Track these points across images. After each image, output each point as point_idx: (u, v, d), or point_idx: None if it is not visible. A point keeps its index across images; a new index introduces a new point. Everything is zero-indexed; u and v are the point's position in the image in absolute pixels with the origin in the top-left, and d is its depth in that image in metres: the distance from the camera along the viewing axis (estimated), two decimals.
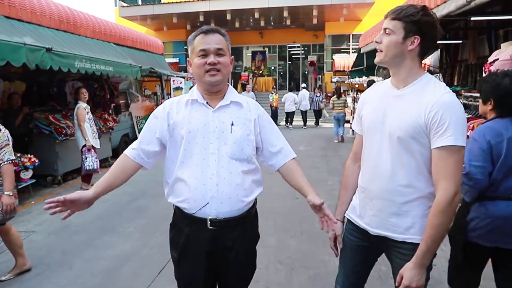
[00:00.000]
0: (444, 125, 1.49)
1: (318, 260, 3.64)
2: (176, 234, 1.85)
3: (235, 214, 1.74)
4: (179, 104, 1.82)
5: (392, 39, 1.59)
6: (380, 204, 1.69)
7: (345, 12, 17.61)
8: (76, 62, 5.90)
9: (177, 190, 1.78)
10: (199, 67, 1.72)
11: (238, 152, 1.75)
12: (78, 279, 3.44)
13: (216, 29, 1.76)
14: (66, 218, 1.73)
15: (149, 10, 18.22)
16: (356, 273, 1.92)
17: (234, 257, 1.78)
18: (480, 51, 7.49)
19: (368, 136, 1.76)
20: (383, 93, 1.73)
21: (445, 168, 1.51)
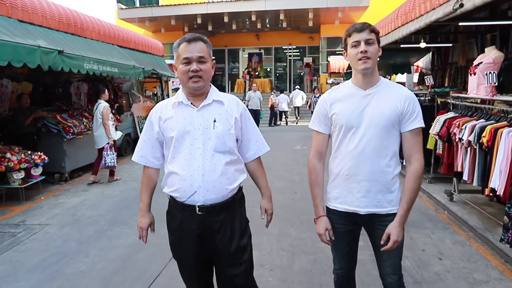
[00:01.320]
0: (414, 112, 1.94)
1: (317, 246, 3.95)
2: (171, 220, 2.10)
3: (220, 200, 1.97)
4: (167, 107, 2.04)
5: (376, 47, 1.93)
6: (368, 185, 1.97)
7: (340, 15, 17.96)
8: (85, 63, 6.17)
9: (170, 182, 2.02)
10: (183, 73, 1.92)
11: (221, 145, 1.96)
12: (96, 265, 3.71)
13: (198, 37, 1.94)
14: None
15: (148, 12, 18.44)
16: (347, 253, 2.21)
17: (221, 238, 2.01)
18: (469, 54, 7.83)
19: (347, 130, 1.99)
20: (349, 94, 2.02)
21: (416, 145, 1.97)
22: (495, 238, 3.82)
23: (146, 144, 2.09)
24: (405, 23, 6.20)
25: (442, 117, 5.00)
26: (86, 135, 7.17)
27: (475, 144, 4.08)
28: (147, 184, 2.15)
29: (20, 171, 5.63)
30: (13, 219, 5.07)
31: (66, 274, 3.53)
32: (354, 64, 1.96)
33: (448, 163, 4.83)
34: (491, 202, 4.95)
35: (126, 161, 8.81)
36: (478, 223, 4.36)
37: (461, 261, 3.59)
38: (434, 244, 3.98)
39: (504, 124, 3.79)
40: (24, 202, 5.75)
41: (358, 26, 1.94)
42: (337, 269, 2.28)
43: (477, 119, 4.31)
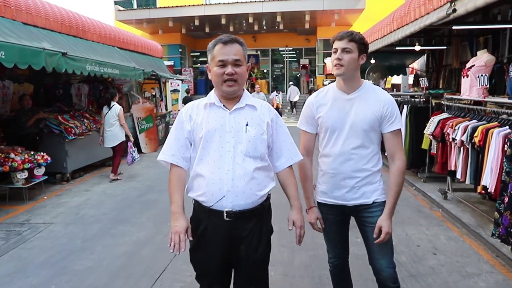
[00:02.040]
0: (393, 115, 2.12)
1: (316, 243, 4.08)
2: (194, 225, 1.96)
3: (249, 206, 1.88)
4: (198, 107, 1.98)
5: (352, 56, 2.06)
6: (352, 182, 2.16)
7: (337, 18, 18.15)
8: (87, 65, 6.28)
9: (195, 185, 1.93)
10: (218, 76, 1.87)
11: (252, 150, 1.89)
12: (102, 261, 3.82)
13: (234, 38, 1.89)
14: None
15: (146, 14, 18.53)
16: (339, 241, 2.39)
17: (247, 246, 1.90)
18: (462, 57, 8.02)
19: (332, 132, 2.17)
20: (334, 98, 2.17)
21: (397, 144, 2.15)
22: (487, 234, 3.98)
23: (176, 143, 1.98)
24: (401, 27, 6.37)
25: (436, 118, 5.16)
26: (87, 135, 7.28)
27: (467, 144, 4.24)
28: (177, 184, 1.97)
29: (23, 171, 5.73)
30: (18, 218, 5.17)
31: (74, 270, 3.63)
32: (332, 69, 2.17)
33: (442, 162, 4.98)
34: (483, 200, 5.11)
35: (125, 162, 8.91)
36: (471, 220, 4.52)
37: (454, 256, 3.75)
38: (429, 240, 4.13)
39: (495, 124, 3.95)
40: (28, 201, 5.84)
41: (339, 35, 2.09)
42: (331, 258, 2.45)
43: (469, 120, 4.47)
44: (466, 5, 4.14)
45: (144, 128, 9.87)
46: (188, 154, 1.99)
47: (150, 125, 9.84)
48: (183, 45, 22.05)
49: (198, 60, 24.61)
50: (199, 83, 22.68)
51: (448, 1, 4.48)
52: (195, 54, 24.30)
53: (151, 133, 9.96)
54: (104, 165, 8.32)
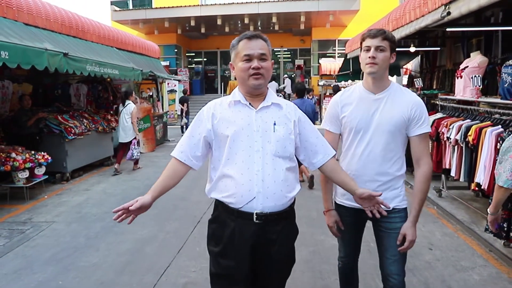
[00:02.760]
0: (421, 118, 2.04)
1: (316, 239, 4.20)
2: (218, 229, 1.89)
3: (279, 208, 1.82)
4: (222, 105, 1.92)
5: (386, 54, 2.01)
6: (374, 185, 2.06)
7: (331, 19, 18.30)
8: (87, 66, 6.35)
9: (222, 186, 1.85)
10: (244, 71, 1.82)
11: (281, 150, 1.83)
12: (107, 258, 3.90)
13: (258, 34, 1.85)
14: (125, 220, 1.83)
15: (142, 14, 18.55)
16: (354, 243, 2.35)
17: (277, 250, 1.85)
18: (456, 58, 8.19)
19: (356, 133, 2.09)
20: (360, 98, 2.12)
21: (424, 148, 2.08)
22: (481, 230, 4.12)
23: (189, 140, 1.93)
24: (396, 28, 6.51)
25: (431, 118, 5.30)
26: (86, 135, 7.33)
27: (461, 143, 4.38)
28: (167, 173, 1.92)
29: (24, 171, 5.79)
30: (19, 217, 5.22)
31: (79, 267, 3.71)
32: (363, 67, 2.07)
33: (437, 160, 5.12)
34: (477, 198, 5.26)
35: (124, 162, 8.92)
36: (465, 216, 4.67)
37: (449, 251, 3.88)
38: (425, 236, 4.26)
39: (488, 124, 4.09)
40: (29, 201, 5.89)
41: (373, 32, 2.01)
42: (342, 257, 2.42)
43: (463, 119, 4.62)
44: (460, 8, 4.28)
45: (142, 128, 9.93)
46: (199, 152, 1.92)
47: (147, 125, 9.91)
48: (178, 45, 22.09)
49: (194, 61, 24.65)
50: (195, 83, 22.73)
51: (442, 4, 4.62)
52: (190, 55, 24.34)
53: (148, 133, 10.02)
54: (102, 164, 8.38)
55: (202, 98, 20.29)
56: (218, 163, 1.87)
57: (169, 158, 2.02)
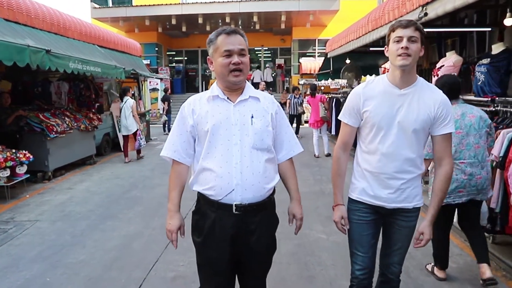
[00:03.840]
0: (447, 117, 1.97)
1: (300, 233, 4.18)
2: (200, 220, 1.95)
3: (257, 200, 1.87)
4: (201, 100, 1.95)
5: (418, 46, 1.90)
6: (398, 183, 2.01)
7: (311, 18, 18.54)
8: (70, 63, 6.29)
9: (202, 179, 1.90)
10: (224, 66, 1.83)
11: (259, 142, 1.88)
12: (94, 254, 3.91)
13: (237, 30, 1.87)
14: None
15: (122, 12, 18.33)
16: (372, 246, 2.16)
17: (256, 240, 1.91)
18: (432, 57, 8.46)
19: (379, 129, 2.00)
20: (384, 92, 2.01)
21: (447, 148, 2.03)
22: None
23: (179, 139, 1.96)
24: (375, 28, 6.71)
25: None
26: (68, 134, 7.24)
27: None
28: (176, 182, 1.99)
29: (5, 169, 5.69)
30: (1, 216, 5.14)
31: (67, 264, 3.71)
32: (393, 59, 1.94)
33: None
34: None
35: (107, 160, 8.93)
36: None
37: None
38: None
39: None
40: (10, 200, 5.79)
41: (404, 22, 1.91)
42: (358, 270, 2.17)
43: None
44: (436, 9, 4.47)
45: None
46: (191, 150, 1.97)
47: None
48: (159, 44, 21.91)
49: (175, 59, 24.51)
50: (176, 82, 22.60)
51: (420, 5, 4.82)
52: (171, 53, 24.18)
53: None
54: (85, 163, 8.29)
55: (183, 97, 20.16)
56: (199, 157, 1.92)
57: (152, 157, 2.09)
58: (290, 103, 11.97)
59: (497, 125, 3.69)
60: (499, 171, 3.32)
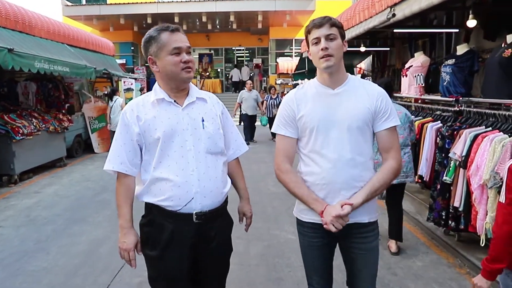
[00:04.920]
0: (388, 110, 1.80)
1: (270, 234, 4.31)
2: (153, 232, 1.83)
3: (216, 205, 1.83)
4: (145, 105, 1.81)
5: (338, 42, 1.75)
6: (349, 193, 1.76)
7: (288, 18, 18.63)
8: (36, 62, 6.08)
9: (156, 190, 1.79)
10: (175, 64, 1.72)
11: (213, 146, 1.82)
12: (58, 261, 3.79)
13: (179, 27, 1.79)
14: None
15: (95, 10, 17.94)
16: (327, 268, 1.99)
17: (216, 246, 1.87)
18: (404, 58, 8.59)
19: (318, 133, 1.79)
20: (318, 94, 1.83)
21: (393, 143, 1.82)
22: (424, 220, 4.39)
23: (124, 149, 1.80)
24: (347, 28, 6.77)
25: None
26: (36, 135, 7.01)
27: None
28: (126, 196, 1.85)
29: None
30: None
31: (28, 271, 3.58)
32: (316, 63, 1.80)
33: None
34: (422, 190, 5.58)
35: (78, 162, 8.71)
36: (411, 207, 4.95)
37: None
38: None
39: (429, 119, 4.37)
40: None
41: (317, 21, 1.77)
42: (313, 284, 2.02)
43: None
44: (403, 10, 4.53)
45: (97, 127, 9.64)
46: (137, 159, 1.83)
47: (102, 124, 9.62)
48: (135, 43, 21.56)
49: None
50: (152, 82, 22.20)
51: (388, 6, 4.88)
52: None
53: (103, 133, 9.73)
54: (54, 166, 8.05)
55: None
56: (149, 166, 1.81)
57: None
58: (267, 105, 11.31)
59: (461, 124, 3.76)
60: (462, 170, 3.37)
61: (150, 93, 1.86)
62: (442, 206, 3.66)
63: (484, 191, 3.08)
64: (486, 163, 3.02)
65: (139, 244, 1.89)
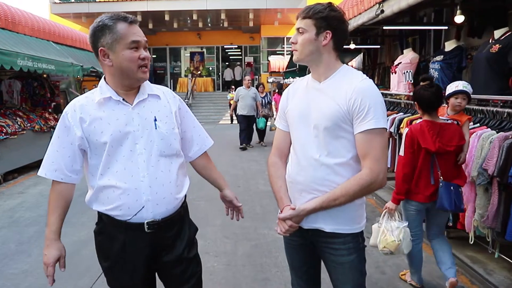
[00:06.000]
0: (365, 109, 1.54)
1: (258, 233, 4.24)
2: (106, 242, 1.72)
3: (171, 212, 1.68)
4: (89, 105, 1.62)
5: (305, 37, 1.63)
6: (310, 196, 1.66)
7: (279, 16, 18.56)
8: (18, 60, 5.94)
9: (103, 198, 1.63)
10: (133, 61, 1.55)
11: (167, 148, 1.66)
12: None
13: (137, 20, 1.62)
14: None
15: (84, 8, 17.74)
16: (306, 272, 1.88)
17: (171, 254, 1.72)
18: (394, 55, 8.56)
19: (295, 130, 1.75)
20: (306, 87, 1.75)
21: (368, 149, 1.55)
22: None
23: (61, 154, 1.63)
24: None
25: None
26: (21, 135, 6.87)
27: (395, 135, 4.61)
28: (57, 204, 1.70)
29: None
30: None
31: (8, 274, 3.48)
32: None
33: None
34: None
35: None
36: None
37: None
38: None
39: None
40: None
41: (299, 13, 1.69)
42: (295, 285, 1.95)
43: (397, 113, 4.86)
44: (392, 6, 4.48)
45: None
46: (78, 165, 1.66)
47: None
48: None
49: None
50: None
51: (376, 3, 4.82)
52: None
53: None
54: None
55: None
56: (96, 171, 1.64)
57: None
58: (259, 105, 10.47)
59: None
60: None
61: (95, 90, 1.67)
62: None
63: (472, 188, 3.05)
64: (474, 160, 2.98)
65: (63, 259, 1.75)
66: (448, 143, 2.68)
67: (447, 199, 2.65)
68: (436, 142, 2.66)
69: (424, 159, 2.71)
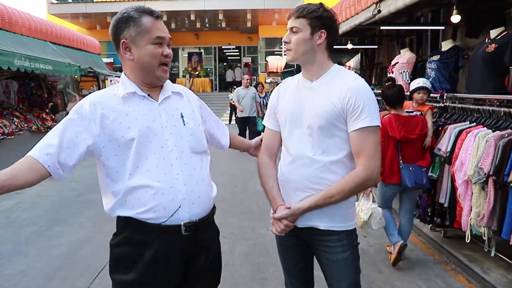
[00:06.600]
0: (359, 108, 1.56)
1: (256, 233, 4.25)
2: (131, 253, 1.52)
3: (206, 213, 1.59)
4: (112, 100, 1.52)
5: (300, 36, 1.63)
6: (304, 195, 1.66)
7: (277, 17, 18.57)
8: (15, 60, 5.93)
9: (133, 200, 1.49)
10: (155, 57, 1.49)
11: (197, 144, 1.60)
12: (37, 264, 3.68)
13: (162, 15, 1.57)
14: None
15: (82, 8, 17.71)
16: (299, 272, 1.88)
17: (210, 259, 1.64)
18: (392, 55, 8.58)
19: (287, 129, 1.74)
20: (297, 86, 1.75)
21: (363, 147, 1.58)
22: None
23: (60, 141, 1.44)
24: None
25: None
26: (18, 135, 6.86)
27: None
28: (20, 169, 1.42)
29: None
30: None
31: (5, 275, 3.47)
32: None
33: None
34: None
35: None
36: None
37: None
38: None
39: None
40: None
41: (291, 12, 1.69)
42: (288, 284, 1.94)
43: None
44: (389, 6, 4.50)
45: None
46: (71, 162, 1.46)
47: None
48: None
49: None
50: None
51: (373, 3, 4.83)
52: None
53: None
54: None
55: None
56: (119, 175, 1.50)
57: None
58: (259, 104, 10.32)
59: (446, 120, 3.73)
60: (447, 166, 3.35)
61: (116, 86, 1.58)
62: (428, 202, 3.64)
63: (468, 187, 3.06)
64: (470, 159, 2.99)
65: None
66: (411, 132, 3.26)
67: (408, 177, 3.20)
68: (401, 131, 3.22)
69: (393, 146, 3.27)
